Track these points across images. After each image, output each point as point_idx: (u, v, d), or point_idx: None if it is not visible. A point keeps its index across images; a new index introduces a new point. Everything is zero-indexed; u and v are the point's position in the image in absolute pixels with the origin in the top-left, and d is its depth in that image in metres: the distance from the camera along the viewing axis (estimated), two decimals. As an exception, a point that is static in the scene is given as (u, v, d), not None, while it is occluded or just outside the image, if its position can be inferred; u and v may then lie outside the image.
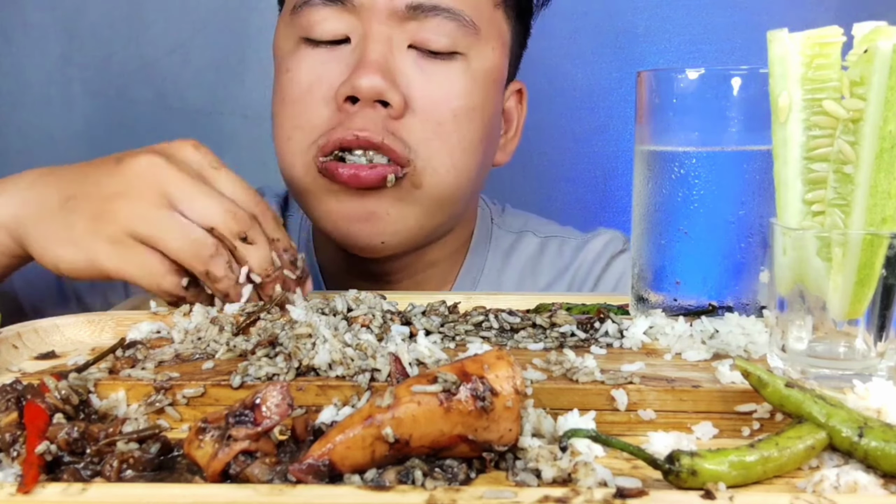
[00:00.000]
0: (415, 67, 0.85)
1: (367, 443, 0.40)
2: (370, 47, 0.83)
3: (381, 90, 0.81)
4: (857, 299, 0.51)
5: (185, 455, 0.42)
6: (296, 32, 0.87)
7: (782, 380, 0.45)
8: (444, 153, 0.86)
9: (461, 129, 0.86)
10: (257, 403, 0.42)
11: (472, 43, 0.86)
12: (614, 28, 1.41)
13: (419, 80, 0.84)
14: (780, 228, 0.53)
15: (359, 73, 0.81)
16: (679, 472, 0.40)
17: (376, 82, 0.81)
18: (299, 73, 0.87)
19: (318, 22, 0.85)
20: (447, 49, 0.85)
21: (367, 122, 0.82)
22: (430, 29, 0.84)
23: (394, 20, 0.84)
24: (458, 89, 0.86)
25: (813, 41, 0.52)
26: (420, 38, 0.84)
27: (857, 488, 0.40)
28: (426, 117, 0.84)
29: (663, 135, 0.66)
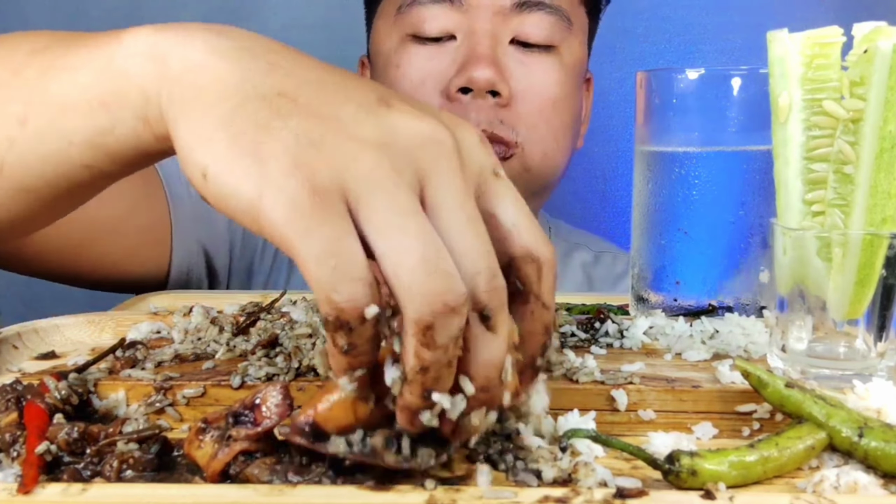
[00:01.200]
0: (517, 61, 0.92)
1: (347, 404, 0.38)
2: (479, 42, 0.90)
3: (494, 81, 0.88)
4: (857, 299, 0.51)
5: (185, 455, 0.42)
6: (402, 30, 0.93)
7: (782, 380, 0.45)
8: (550, 136, 0.93)
9: (560, 116, 0.94)
10: (257, 403, 0.42)
11: (565, 36, 0.94)
12: (614, 28, 1.41)
13: (521, 72, 0.92)
14: (780, 228, 0.53)
15: (473, 66, 0.88)
16: (679, 472, 0.40)
17: (489, 74, 0.88)
18: (410, 68, 0.93)
19: (426, 20, 0.92)
20: (545, 42, 0.92)
21: (479, 112, 0.89)
22: (531, 23, 0.91)
23: (499, 17, 0.91)
24: (554, 80, 0.93)
25: (813, 41, 0.52)
26: (522, 32, 0.91)
27: (857, 488, 0.40)
28: (530, 106, 0.92)
29: (663, 135, 0.66)
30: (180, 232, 0.92)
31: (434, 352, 0.36)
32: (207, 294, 0.86)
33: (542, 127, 0.92)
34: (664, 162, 0.66)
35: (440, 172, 0.39)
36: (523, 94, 0.91)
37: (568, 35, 0.94)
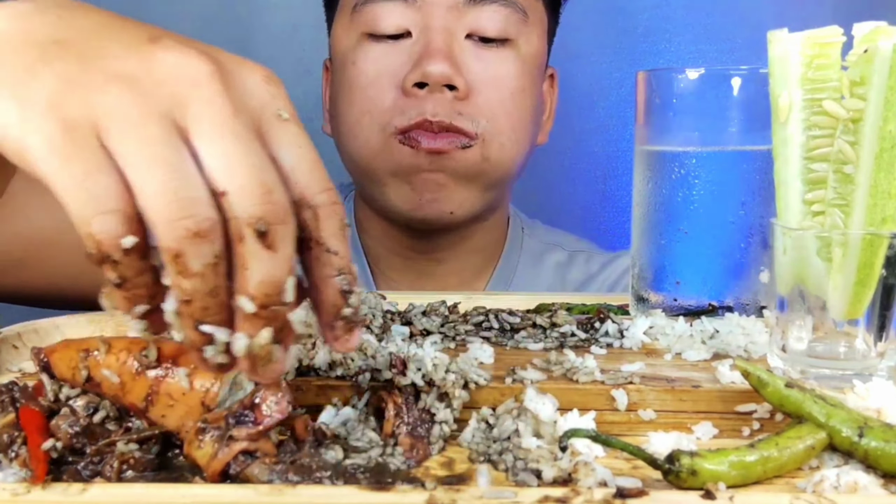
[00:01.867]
0: (472, 55, 0.92)
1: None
2: (434, 38, 0.90)
3: (449, 75, 0.89)
4: (857, 299, 0.51)
5: (185, 455, 0.42)
6: (358, 29, 0.94)
7: (782, 380, 0.45)
8: (508, 127, 0.94)
9: (518, 108, 0.95)
10: (257, 403, 0.42)
11: (521, 29, 0.94)
12: (614, 28, 1.41)
13: (478, 66, 0.92)
14: (780, 228, 0.53)
15: (428, 61, 0.89)
16: (679, 472, 0.40)
17: (444, 68, 0.89)
18: (366, 64, 0.94)
19: (381, 17, 0.92)
20: (500, 35, 0.93)
21: (436, 105, 0.90)
22: (485, 17, 0.92)
23: (453, 12, 0.91)
24: (512, 72, 0.94)
25: (813, 41, 0.52)
26: (477, 26, 0.92)
27: (857, 488, 0.40)
28: (488, 98, 0.92)
29: (663, 135, 0.66)
30: None
31: (191, 280, 0.36)
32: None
33: (502, 118, 0.93)
34: (664, 162, 0.66)
35: (198, 99, 0.38)
36: (481, 86, 0.92)
37: (524, 27, 0.94)
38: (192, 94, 0.38)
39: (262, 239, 0.37)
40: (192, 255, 0.36)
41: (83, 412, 0.45)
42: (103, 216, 0.36)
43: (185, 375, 0.43)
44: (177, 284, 0.37)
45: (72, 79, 0.38)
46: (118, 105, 0.37)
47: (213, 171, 0.37)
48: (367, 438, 0.46)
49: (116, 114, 0.37)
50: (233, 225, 0.37)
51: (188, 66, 0.39)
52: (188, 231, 0.36)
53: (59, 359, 0.46)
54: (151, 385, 0.44)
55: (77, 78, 0.38)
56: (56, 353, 0.47)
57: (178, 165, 0.37)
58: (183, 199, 0.36)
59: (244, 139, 0.38)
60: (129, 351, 0.45)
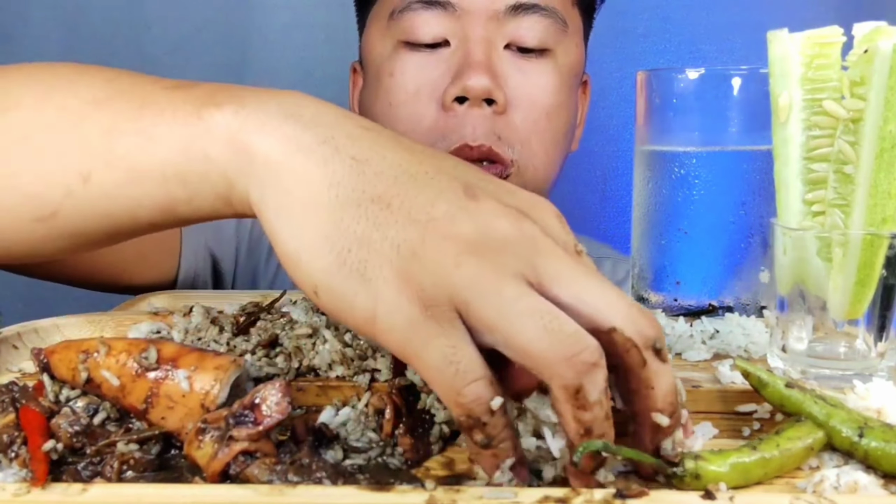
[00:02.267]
0: (512, 66, 0.90)
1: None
2: (474, 49, 0.88)
3: (490, 89, 0.86)
4: (857, 299, 0.51)
5: (185, 456, 0.42)
6: (394, 37, 0.92)
7: (782, 380, 0.45)
8: (541, 150, 0.92)
9: (553, 125, 0.93)
10: (257, 403, 0.42)
11: (560, 39, 0.92)
12: (614, 28, 1.41)
13: (517, 78, 0.90)
14: (780, 228, 0.53)
15: (468, 74, 0.86)
16: (683, 475, 0.40)
17: (485, 82, 0.86)
18: (404, 77, 0.91)
19: (418, 26, 0.90)
20: (540, 46, 0.91)
21: (476, 126, 0.88)
22: (526, 27, 0.89)
23: (493, 22, 0.89)
24: (551, 86, 0.92)
25: (813, 41, 0.52)
26: (516, 36, 0.90)
27: (857, 488, 0.40)
28: (525, 115, 0.90)
29: (663, 135, 0.66)
30: (190, 236, 0.92)
31: (591, 411, 0.38)
32: (208, 294, 0.86)
33: (534, 141, 0.91)
34: (664, 162, 0.66)
35: (540, 254, 0.40)
36: (519, 100, 0.90)
37: (563, 37, 0.92)
38: (535, 253, 0.40)
39: (658, 355, 0.40)
40: (590, 386, 0.38)
41: (83, 413, 0.45)
42: (473, 385, 0.38)
43: (185, 377, 0.44)
44: (576, 419, 0.38)
45: (415, 250, 0.40)
46: (476, 279, 0.39)
47: (592, 311, 0.39)
48: (367, 438, 0.46)
49: (473, 283, 0.39)
50: (632, 354, 0.39)
51: (519, 229, 0.41)
52: (586, 364, 0.37)
53: (59, 360, 0.46)
54: (151, 387, 0.44)
55: (420, 248, 0.40)
56: (56, 354, 0.47)
57: (546, 308, 0.38)
58: (571, 335, 0.38)
59: (595, 277, 0.40)
60: (129, 353, 0.45)
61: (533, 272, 0.39)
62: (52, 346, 0.48)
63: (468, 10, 0.89)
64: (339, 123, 0.44)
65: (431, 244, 0.40)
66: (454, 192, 0.42)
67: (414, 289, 0.39)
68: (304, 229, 0.41)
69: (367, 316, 0.39)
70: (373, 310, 0.39)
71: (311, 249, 0.41)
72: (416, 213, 0.41)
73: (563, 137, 0.95)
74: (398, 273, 0.39)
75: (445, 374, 0.38)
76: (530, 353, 0.37)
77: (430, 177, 0.43)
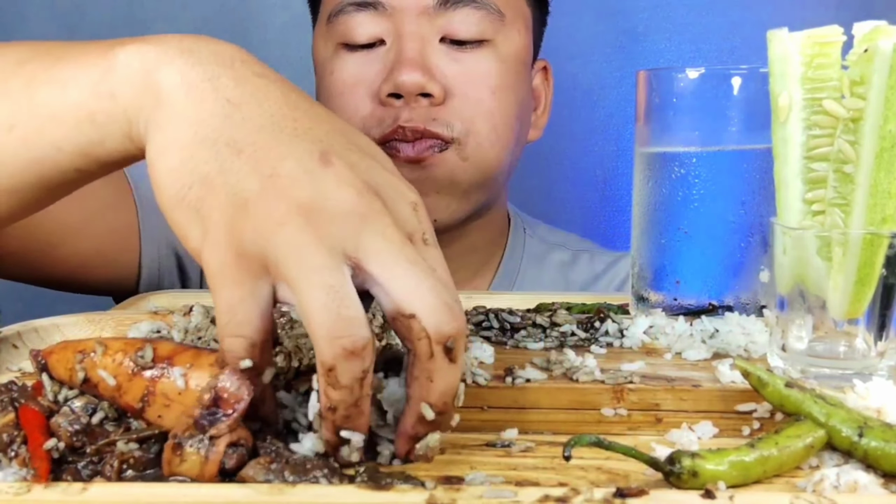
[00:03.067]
0: (448, 59, 0.91)
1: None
2: (406, 45, 0.89)
3: (422, 84, 0.88)
4: (857, 299, 0.51)
5: (169, 476, 0.41)
6: (333, 39, 0.93)
7: (782, 379, 0.45)
8: (487, 127, 0.92)
9: (501, 105, 0.93)
10: (218, 396, 0.41)
11: (498, 28, 0.92)
12: (614, 28, 1.41)
13: (454, 69, 0.91)
14: (780, 228, 0.53)
15: (399, 71, 0.88)
16: (680, 473, 0.40)
17: (416, 77, 0.87)
18: (342, 74, 0.93)
19: (353, 27, 0.91)
20: (476, 37, 0.91)
21: (411, 113, 0.89)
22: (458, 20, 0.90)
23: (424, 17, 0.90)
24: (492, 72, 0.92)
25: (813, 41, 0.52)
26: (450, 30, 0.90)
27: (857, 488, 0.40)
28: (466, 100, 0.91)
29: (663, 134, 0.66)
30: (148, 233, 0.92)
31: (339, 391, 0.40)
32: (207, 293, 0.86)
33: (480, 119, 0.91)
34: (664, 161, 0.66)
35: (370, 233, 0.41)
36: (457, 89, 0.90)
37: (501, 27, 0.92)
38: (364, 228, 0.41)
39: (448, 354, 0.41)
40: (343, 371, 0.40)
41: (82, 413, 0.45)
42: (235, 338, 0.42)
43: (181, 375, 0.43)
44: (325, 393, 0.41)
45: (249, 202, 0.42)
46: (291, 241, 0.41)
47: (398, 296, 0.41)
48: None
49: (288, 248, 0.41)
50: (422, 344, 0.41)
51: (358, 202, 0.42)
52: (345, 350, 0.40)
53: (57, 360, 0.46)
54: (147, 385, 0.44)
55: (253, 200, 0.42)
56: (54, 354, 0.47)
57: (338, 287, 0.40)
58: (344, 318, 0.40)
59: (418, 264, 0.42)
60: (125, 352, 0.45)
61: (355, 248, 0.41)
62: (49, 346, 0.48)
63: (399, 8, 0.90)
64: (233, 65, 0.46)
65: (264, 199, 0.41)
66: (309, 153, 0.43)
67: (235, 236, 0.41)
68: (161, 161, 0.45)
69: (197, 248, 0.43)
70: (200, 244, 0.43)
71: (161, 181, 0.44)
72: (262, 166, 0.42)
73: (513, 120, 0.95)
74: (226, 219, 0.42)
75: (222, 318, 0.42)
76: (308, 322, 0.40)
77: (295, 134, 0.44)
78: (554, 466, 0.44)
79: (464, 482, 0.41)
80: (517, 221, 1.09)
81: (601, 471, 0.43)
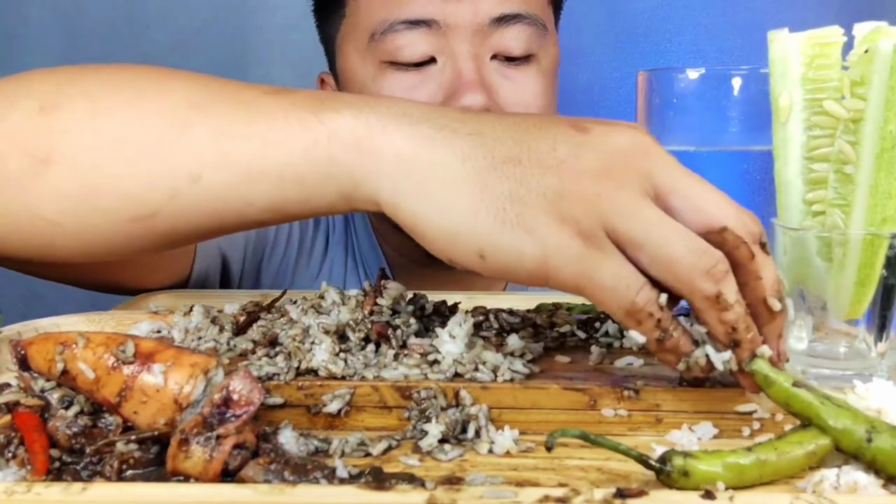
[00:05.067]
0: (500, 77, 0.90)
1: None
2: (464, 66, 0.88)
3: (486, 105, 0.87)
4: (857, 299, 0.51)
5: (172, 472, 0.41)
6: (377, 57, 0.90)
7: (789, 378, 0.44)
8: None
9: None
10: (229, 397, 0.42)
11: (542, 43, 0.92)
12: (614, 28, 1.41)
13: (506, 87, 0.90)
14: (780, 228, 0.53)
15: (463, 94, 0.86)
16: (670, 472, 0.40)
17: (479, 100, 0.86)
18: (393, 94, 0.89)
19: (404, 46, 0.88)
20: (525, 53, 0.91)
21: None
22: (510, 37, 0.89)
23: (478, 35, 0.89)
24: (538, 90, 0.92)
25: (813, 41, 0.52)
26: (502, 47, 0.90)
27: (857, 488, 0.40)
28: None
29: (664, 135, 0.66)
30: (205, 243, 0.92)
31: (732, 310, 0.45)
32: (207, 293, 0.86)
33: None
34: (664, 162, 0.66)
35: (655, 166, 0.46)
36: (510, 108, 0.90)
37: (545, 41, 0.93)
38: (649, 164, 0.46)
39: (763, 248, 0.46)
40: (728, 291, 0.44)
41: (58, 405, 0.45)
42: (642, 291, 0.45)
43: (160, 373, 0.43)
44: (720, 321, 0.45)
45: (559, 191, 0.45)
46: (614, 202, 0.45)
47: (705, 215, 0.45)
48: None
49: (616, 210, 0.44)
50: (742, 250, 0.45)
51: (630, 144, 0.47)
52: (722, 273, 0.44)
53: (37, 351, 0.46)
54: (126, 381, 0.44)
55: (562, 188, 0.45)
56: (34, 345, 0.46)
57: (683, 230, 0.45)
58: (704, 250, 0.44)
59: (702, 181, 0.46)
60: (106, 346, 0.45)
61: (651, 183, 0.45)
62: (30, 338, 0.47)
63: (453, 27, 0.88)
64: (442, 113, 0.49)
65: (569, 183, 0.45)
66: (566, 132, 0.47)
67: (572, 226, 0.44)
68: (453, 205, 0.46)
69: (539, 261, 0.45)
70: (543, 254, 0.44)
71: (467, 220, 0.46)
72: (546, 161, 0.46)
73: None
74: (554, 216, 0.45)
75: (618, 290, 0.44)
76: (675, 269, 0.44)
77: (538, 128, 0.48)
78: (554, 467, 0.44)
79: (464, 482, 0.41)
80: None
81: (601, 471, 0.43)
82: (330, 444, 0.45)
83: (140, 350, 0.44)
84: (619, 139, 0.47)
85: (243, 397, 0.41)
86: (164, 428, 0.43)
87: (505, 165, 0.46)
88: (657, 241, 0.44)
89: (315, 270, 1.02)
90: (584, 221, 0.44)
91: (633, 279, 0.44)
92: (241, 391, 0.42)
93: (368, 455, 0.45)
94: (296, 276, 1.01)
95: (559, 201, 0.45)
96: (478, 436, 0.47)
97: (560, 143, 0.46)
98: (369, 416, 0.49)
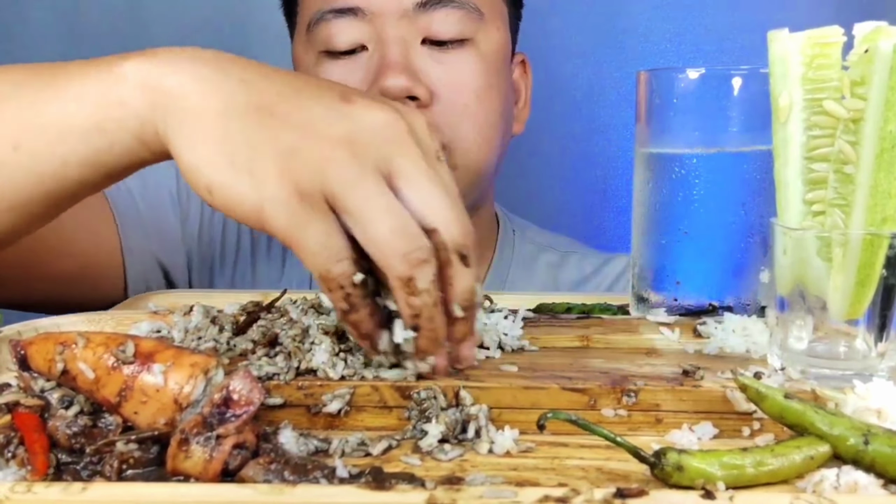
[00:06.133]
0: (431, 61, 0.90)
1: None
2: (388, 50, 0.88)
3: (407, 87, 0.87)
4: (857, 299, 0.51)
5: (172, 472, 0.41)
6: (315, 47, 0.92)
7: (780, 391, 0.45)
8: (473, 132, 0.92)
9: (484, 108, 0.93)
10: (230, 397, 0.42)
11: (478, 27, 0.92)
12: (614, 28, 1.41)
13: (438, 70, 0.90)
14: (780, 228, 0.53)
15: (384, 76, 0.87)
16: (664, 466, 0.40)
17: (401, 82, 0.86)
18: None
19: (334, 35, 0.90)
20: (457, 37, 0.91)
21: None
22: (438, 21, 0.90)
23: (404, 20, 0.89)
24: (474, 72, 0.92)
25: (813, 41, 0.52)
26: (431, 31, 0.90)
27: (856, 488, 0.40)
28: (453, 102, 0.90)
29: (663, 135, 0.66)
30: (131, 249, 0.92)
31: (420, 296, 0.48)
32: (207, 293, 0.86)
33: (465, 124, 0.91)
34: (664, 162, 0.66)
35: (399, 153, 0.49)
36: (443, 91, 0.90)
37: (481, 25, 0.92)
38: (394, 149, 0.49)
39: (463, 260, 0.49)
40: (420, 278, 0.47)
41: (58, 405, 0.45)
42: (340, 263, 0.47)
43: (160, 373, 0.43)
44: (409, 304, 0.48)
45: (294, 148, 0.48)
46: (341, 171, 0.47)
47: (422, 212, 0.48)
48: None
49: (341, 178, 0.47)
50: (441, 255, 0.48)
51: (386, 125, 0.49)
52: (419, 259, 0.47)
53: (37, 351, 0.46)
54: (126, 381, 0.44)
55: (298, 146, 0.48)
56: (34, 345, 0.47)
57: (397, 210, 0.47)
58: (410, 235, 0.47)
59: (437, 182, 0.49)
60: (106, 346, 0.45)
61: (387, 166, 0.48)
62: (30, 337, 0.47)
63: (378, 13, 0.89)
64: (236, 61, 0.52)
65: (308, 143, 0.48)
66: (330, 98, 0.50)
67: (293, 182, 0.47)
68: (198, 141, 0.49)
69: (256, 207, 0.47)
70: (259, 201, 0.47)
71: (204, 155, 0.48)
72: (296, 118, 0.49)
73: (498, 118, 0.95)
74: (280, 169, 0.47)
75: (319, 255, 0.47)
76: (379, 245, 0.47)
77: (310, 88, 0.51)
78: (554, 467, 0.44)
79: (464, 482, 0.41)
80: (506, 223, 1.08)
81: (601, 471, 0.43)
82: (330, 444, 0.45)
83: (140, 350, 0.44)
84: (376, 116, 0.49)
85: (243, 397, 0.42)
86: (164, 428, 0.43)
87: (256, 113, 0.49)
88: (368, 215, 0.47)
89: (277, 274, 1.01)
90: (306, 181, 0.47)
91: (336, 249, 0.47)
92: (241, 391, 0.42)
93: (368, 455, 0.45)
94: (255, 280, 1.01)
95: (290, 157, 0.47)
96: (478, 436, 0.47)
97: (319, 106, 0.50)
98: (369, 416, 0.49)
